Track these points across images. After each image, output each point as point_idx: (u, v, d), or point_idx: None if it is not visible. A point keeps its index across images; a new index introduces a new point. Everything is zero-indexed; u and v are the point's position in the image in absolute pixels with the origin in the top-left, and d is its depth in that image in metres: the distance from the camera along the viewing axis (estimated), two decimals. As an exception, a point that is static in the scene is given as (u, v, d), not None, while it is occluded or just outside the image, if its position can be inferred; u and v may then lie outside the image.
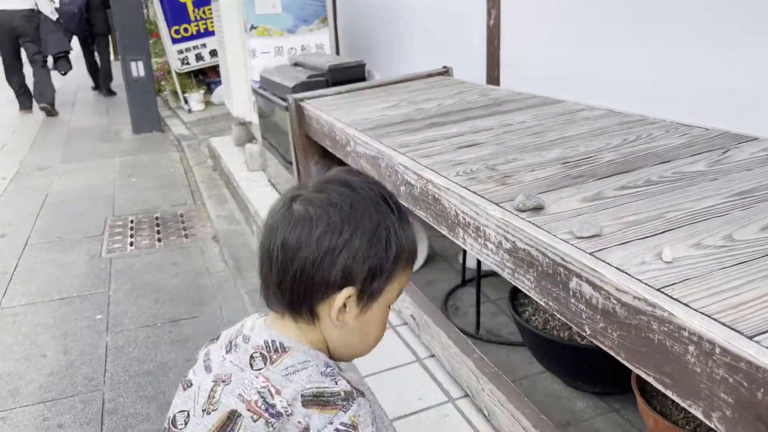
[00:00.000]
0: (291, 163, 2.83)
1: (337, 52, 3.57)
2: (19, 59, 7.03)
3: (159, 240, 3.25)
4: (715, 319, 0.72)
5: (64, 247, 3.20)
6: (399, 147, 1.64)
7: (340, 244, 0.76)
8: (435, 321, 1.67)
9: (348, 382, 0.78)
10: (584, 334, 0.93)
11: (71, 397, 1.95)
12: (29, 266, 2.98)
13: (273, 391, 0.76)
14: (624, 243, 0.93)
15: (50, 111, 7.09)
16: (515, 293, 1.70)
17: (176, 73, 6.48)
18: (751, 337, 0.68)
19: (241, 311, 2.43)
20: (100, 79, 8.75)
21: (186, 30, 6.31)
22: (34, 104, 7.24)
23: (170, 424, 0.84)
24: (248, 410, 0.76)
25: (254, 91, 3.41)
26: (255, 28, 3.38)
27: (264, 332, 0.81)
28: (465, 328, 1.86)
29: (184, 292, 2.64)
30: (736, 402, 0.68)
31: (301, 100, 2.50)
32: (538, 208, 1.10)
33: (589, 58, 2.17)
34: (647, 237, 0.95)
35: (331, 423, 0.75)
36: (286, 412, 0.75)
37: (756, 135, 1.35)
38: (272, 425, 0.75)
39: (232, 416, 0.77)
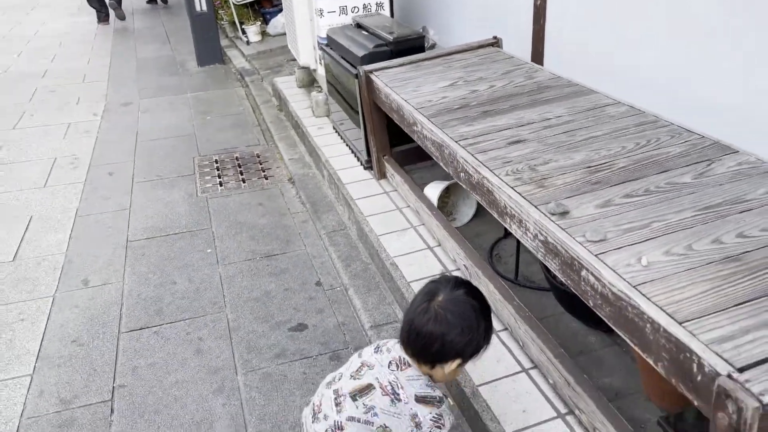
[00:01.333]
0: (355, 111, 3.28)
1: (392, 13, 3.90)
2: None
3: (243, 181, 3.80)
4: (663, 310, 1.21)
5: (164, 186, 3.78)
6: (459, 139, 2.10)
7: (463, 342, 1.36)
8: (483, 273, 2.19)
9: (441, 392, 1.41)
10: (589, 306, 1.43)
11: (203, 317, 2.57)
12: (141, 204, 3.57)
13: (399, 385, 1.39)
14: (619, 248, 1.41)
15: (117, 7, 8.54)
16: (547, 253, 2.20)
17: (234, 4, 6.82)
18: (681, 323, 1.17)
19: (322, 248, 2.99)
20: None
21: (243, -38, 6.57)
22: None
23: (333, 378, 1.50)
24: (380, 388, 1.40)
25: (321, 48, 3.80)
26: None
27: (400, 351, 1.44)
28: (506, 275, 2.38)
29: (273, 230, 3.20)
30: (670, 357, 1.18)
31: (371, 72, 2.93)
32: (564, 213, 1.57)
33: (625, 46, 2.52)
34: (636, 244, 1.42)
35: (430, 413, 1.37)
36: (404, 401, 1.38)
37: (738, 148, 1.77)
38: (395, 403, 1.38)
39: (369, 387, 1.42)
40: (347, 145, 3.67)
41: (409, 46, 3.15)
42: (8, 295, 2.78)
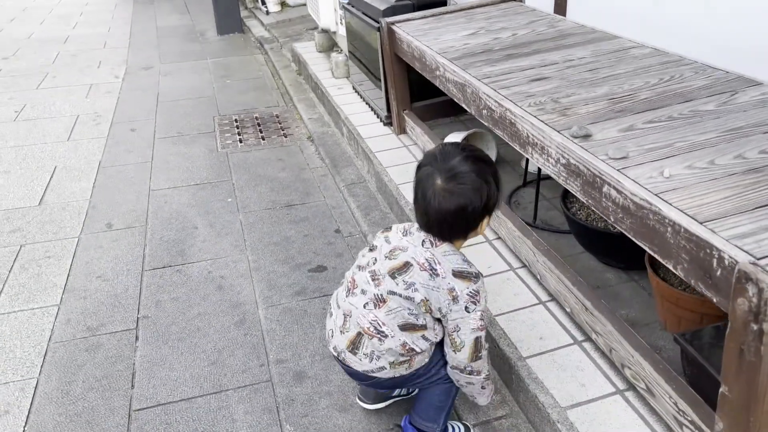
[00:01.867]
0: (376, 77, 3.30)
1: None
2: None
3: (263, 138, 3.84)
4: (684, 212, 1.23)
5: (185, 142, 3.83)
6: (482, 77, 2.11)
7: (483, 202, 1.38)
8: (503, 212, 2.21)
9: (476, 269, 1.42)
10: (609, 221, 1.46)
11: (224, 258, 2.62)
12: (162, 157, 3.63)
13: (436, 260, 1.39)
14: (641, 164, 1.43)
15: None
16: (566, 194, 2.21)
17: (254, -26, 6.84)
18: (701, 222, 1.19)
19: (341, 200, 3.03)
20: None
21: (264, -68, 6.59)
22: None
23: (363, 263, 1.49)
24: (418, 265, 1.41)
25: (343, 7, 3.82)
26: (345, -53, 3.74)
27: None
28: (525, 219, 2.40)
29: (293, 183, 3.24)
30: (690, 258, 1.20)
31: (393, 23, 2.94)
32: (587, 136, 1.59)
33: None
34: (658, 160, 1.43)
35: (467, 288, 1.37)
36: (441, 275, 1.37)
37: (762, 80, 1.77)
38: (433, 278, 1.39)
39: (407, 264, 1.43)
40: (367, 103, 3.69)
41: (431, 0, 3.16)
42: (35, 235, 2.84)
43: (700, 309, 1.64)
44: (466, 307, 1.38)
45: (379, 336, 1.43)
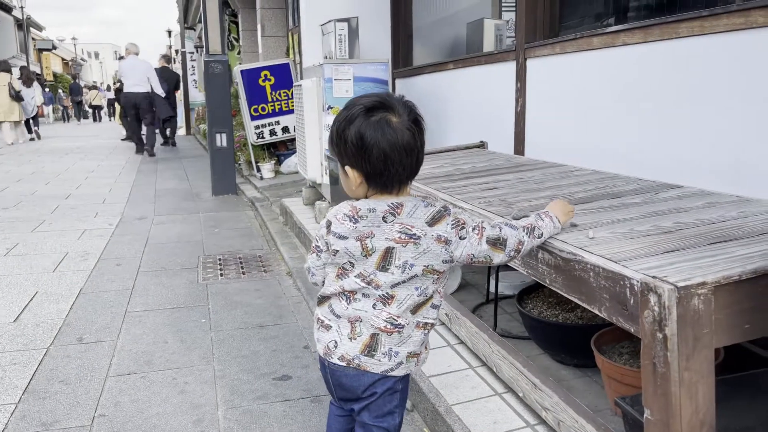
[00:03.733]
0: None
1: (396, 129, 4.36)
2: (139, 122, 11.28)
3: (243, 273, 3.98)
4: (603, 257, 1.36)
5: (168, 275, 3.96)
6: (441, 190, 2.34)
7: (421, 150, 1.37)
8: (462, 313, 2.31)
9: (437, 202, 1.37)
10: (545, 284, 1.58)
11: (191, 367, 2.62)
12: (143, 286, 3.73)
13: (408, 226, 1.33)
14: (570, 232, 1.59)
15: (151, 152, 11.07)
16: (521, 297, 2.33)
17: (252, 145, 7.47)
18: (617, 262, 1.32)
19: (313, 322, 3.09)
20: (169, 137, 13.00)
21: (263, 109, 7.34)
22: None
23: (342, 270, 1.39)
24: (397, 243, 1.33)
25: (327, 157, 4.20)
26: (331, 108, 4.22)
27: (381, 203, 1.34)
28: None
29: (268, 308, 3.33)
30: (609, 296, 1.32)
31: (368, 162, 3.26)
32: (524, 217, 1.76)
33: (589, 135, 2.86)
34: (585, 229, 1.60)
35: (447, 225, 1.34)
36: (423, 235, 1.33)
37: (682, 184, 2.00)
38: (418, 244, 1.33)
39: (389, 251, 1.34)
40: (344, 241, 3.90)
41: (404, 145, 3.52)
42: (4, 346, 2.86)
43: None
44: (460, 237, 1.35)
45: (397, 330, 1.39)
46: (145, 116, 11.04)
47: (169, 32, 28.55)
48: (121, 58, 14.21)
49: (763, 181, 1.98)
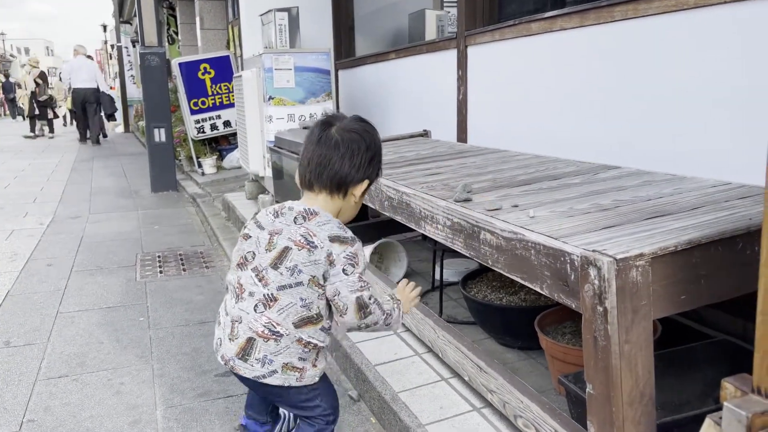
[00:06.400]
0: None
1: (339, 120, 4.31)
2: (86, 115, 12.58)
3: (184, 270, 3.86)
4: (543, 234, 1.36)
5: (103, 274, 3.80)
6: (385, 177, 2.31)
7: (356, 163, 1.46)
8: (408, 301, 2.28)
9: (352, 233, 1.46)
10: (488, 265, 1.56)
11: (127, 367, 2.51)
12: (77, 286, 3.56)
13: (311, 233, 1.42)
14: (511, 212, 1.58)
15: (96, 141, 12.62)
16: (465, 281, 2.33)
17: (192, 140, 7.27)
18: (557, 239, 1.32)
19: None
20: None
21: (203, 103, 7.15)
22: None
23: (243, 260, 1.48)
24: (295, 245, 1.42)
25: (269, 149, 4.11)
26: (272, 98, 4.13)
27: (301, 205, 1.47)
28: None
29: (209, 304, 3.22)
30: (551, 273, 1.31)
31: (311, 152, 3.20)
32: (467, 200, 1.75)
33: (530, 120, 2.88)
34: (526, 209, 1.59)
35: (344, 251, 1.40)
36: (319, 245, 1.40)
37: (620, 165, 2.03)
38: (312, 252, 1.41)
39: (286, 249, 1.43)
40: (288, 234, 3.83)
41: (346, 135, 3.47)
42: None
43: (586, 364, 1.70)
44: (343, 269, 1.40)
45: (274, 337, 1.42)
46: (92, 109, 12.42)
47: (104, 27, 27.51)
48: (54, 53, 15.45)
49: (697, 160, 2.03)
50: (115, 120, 14.76)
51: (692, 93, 2.02)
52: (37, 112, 14.77)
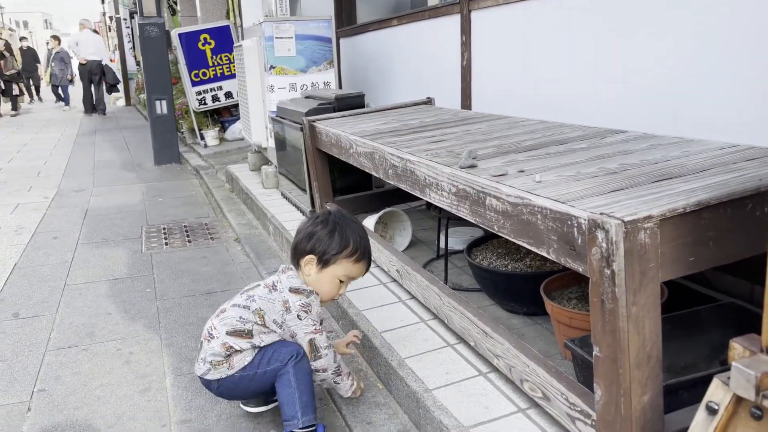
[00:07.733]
0: (302, 189, 3.47)
1: (340, 88, 4.26)
2: (91, 86, 12.99)
3: (189, 241, 3.87)
4: (550, 198, 1.35)
5: (109, 246, 3.81)
6: (388, 144, 2.29)
7: (310, 240, 1.78)
8: (413, 268, 2.28)
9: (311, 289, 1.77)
10: (494, 231, 1.55)
11: (135, 337, 2.53)
12: (83, 258, 3.58)
13: (279, 281, 1.79)
14: (517, 177, 1.57)
15: (104, 111, 13.16)
16: (470, 248, 2.33)
17: (194, 112, 7.22)
18: (564, 202, 1.31)
19: (262, 287, 3.02)
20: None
21: (204, 74, 7.08)
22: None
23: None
24: (264, 284, 1.80)
25: (271, 119, 4.08)
26: (273, 68, 4.09)
27: (288, 280, 1.79)
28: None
29: (215, 275, 3.24)
30: (558, 237, 1.30)
31: (314, 120, 3.17)
32: (473, 166, 1.74)
33: (535, 86, 2.85)
34: (532, 173, 1.58)
35: (299, 300, 1.73)
36: (279, 290, 1.76)
37: (626, 129, 2.01)
38: (271, 292, 1.76)
39: (255, 285, 1.82)
40: (294, 205, 3.83)
41: (350, 103, 3.44)
42: (-68, 325, 2.69)
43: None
44: (298, 316, 1.71)
45: (208, 338, 1.73)
46: (98, 81, 12.98)
47: (102, -2, 27.14)
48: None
49: (705, 122, 2.01)
50: (118, 91, 14.80)
51: (700, 51, 1.98)
52: (2, 87, 13.60)
